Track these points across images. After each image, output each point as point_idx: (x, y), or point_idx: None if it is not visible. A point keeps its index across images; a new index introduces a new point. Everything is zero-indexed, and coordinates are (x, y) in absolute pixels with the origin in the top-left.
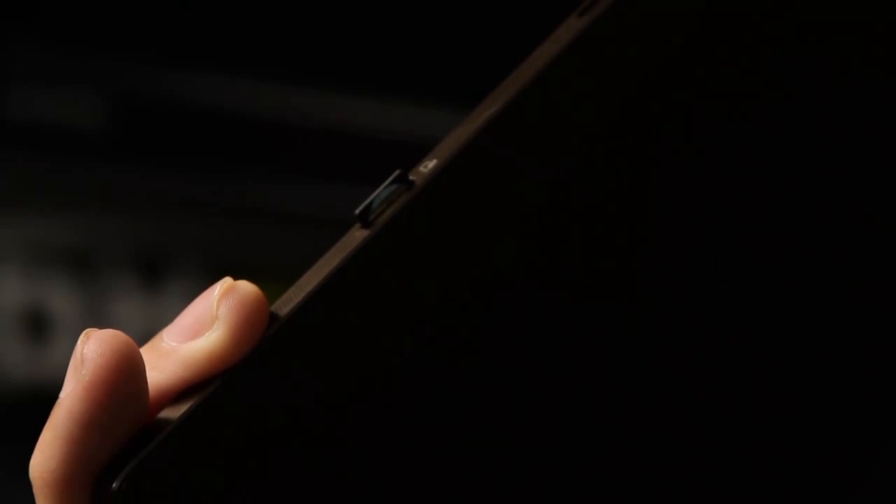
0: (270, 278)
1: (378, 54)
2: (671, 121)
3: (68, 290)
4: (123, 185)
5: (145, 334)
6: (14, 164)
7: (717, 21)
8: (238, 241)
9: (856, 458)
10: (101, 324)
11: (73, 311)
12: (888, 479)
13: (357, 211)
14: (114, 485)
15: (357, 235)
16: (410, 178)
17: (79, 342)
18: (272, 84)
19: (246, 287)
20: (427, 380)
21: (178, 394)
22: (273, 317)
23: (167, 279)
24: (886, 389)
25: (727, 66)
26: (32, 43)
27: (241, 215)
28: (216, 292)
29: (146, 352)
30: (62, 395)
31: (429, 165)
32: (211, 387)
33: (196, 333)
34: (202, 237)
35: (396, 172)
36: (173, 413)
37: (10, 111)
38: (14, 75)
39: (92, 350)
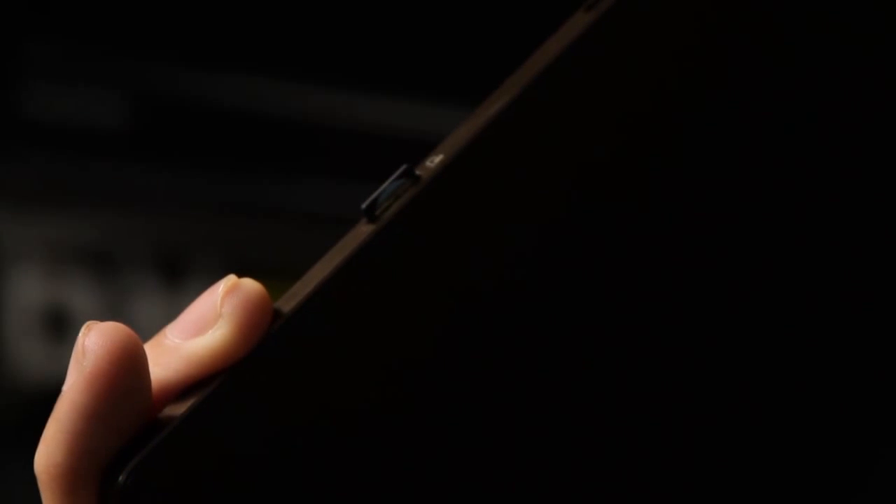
0: (289, 277)
1: (386, 52)
2: (678, 117)
3: (89, 288)
4: (144, 185)
5: None
6: (36, 164)
7: (725, 16)
8: (258, 241)
9: (856, 458)
10: (121, 323)
11: (93, 310)
12: (888, 480)
13: (363, 206)
14: (120, 479)
15: (363, 230)
16: (416, 172)
17: (80, 334)
18: (292, 84)
19: (250, 284)
20: (433, 375)
21: (181, 390)
22: (277, 313)
23: (187, 278)
24: (887, 390)
25: (736, 62)
26: (54, 43)
27: (261, 215)
28: (220, 290)
29: (150, 348)
30: (64, 387)
31: (435, 160)
32: (215, 383)
33: (200, 330)
34: (222, 236)
35: (402, 167)
36: (178, 409)
37: (32, 111)
38: (36, 75)
39: (93, 341)
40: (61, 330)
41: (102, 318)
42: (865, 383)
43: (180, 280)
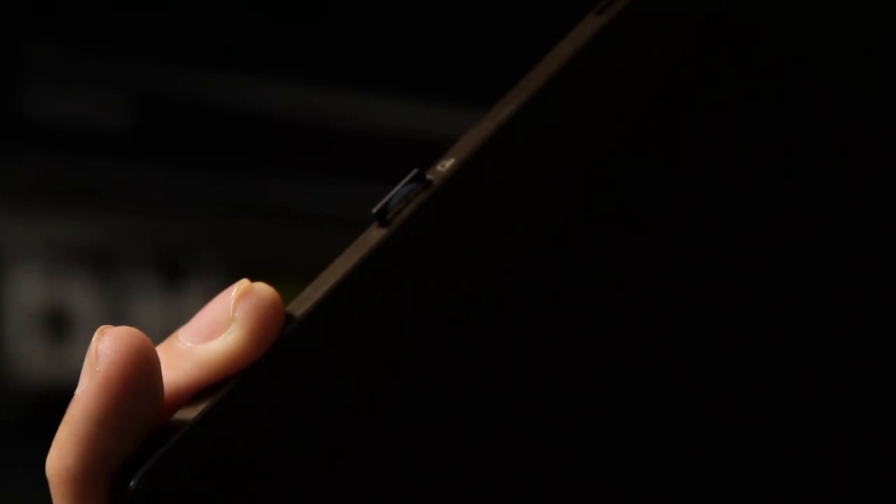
0: (291, 278)
1: (396, 54)
2: (692, 121)
3: (89, 289)
4: (145, 185)
5: (166, 334)
6: (36, 164)
7: (738, 20)
8: (259, 241)
9: (856, 458)
10: (122, 323)
11: (94, 311)
12: (888, 479)
13: (374, 210)
14: (131, 483)
15: (374, 235)
16: (428, 177)
17: (93, 339)
18: (293, 84)
19: (263, 289)
20: (443, 380)
21: (193, 394)
22: (289, 317)
23: (188, 279)
24: (886, 389)
25: (750, 66)
26: (56, 43)
27: (262, 215)
28: (233, 294)
29: (162, 351)
30: (77, 391)
31: (446, 164)
32: (227, 388)
33: (212, 334)
34: (223, 237)
35: (414, 171)
36: (189, 413)
37: (33, 111)
38: (37, 75)
39: (106, 346)
40: (61, 330)
41: (102, 319)
42: (864, 384)
43: (180, 280)
